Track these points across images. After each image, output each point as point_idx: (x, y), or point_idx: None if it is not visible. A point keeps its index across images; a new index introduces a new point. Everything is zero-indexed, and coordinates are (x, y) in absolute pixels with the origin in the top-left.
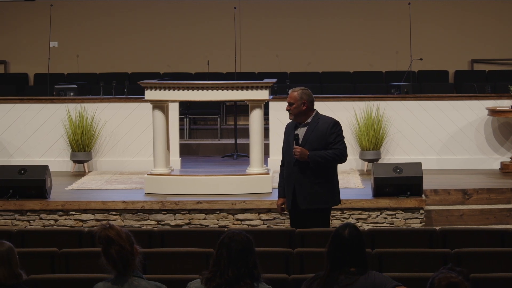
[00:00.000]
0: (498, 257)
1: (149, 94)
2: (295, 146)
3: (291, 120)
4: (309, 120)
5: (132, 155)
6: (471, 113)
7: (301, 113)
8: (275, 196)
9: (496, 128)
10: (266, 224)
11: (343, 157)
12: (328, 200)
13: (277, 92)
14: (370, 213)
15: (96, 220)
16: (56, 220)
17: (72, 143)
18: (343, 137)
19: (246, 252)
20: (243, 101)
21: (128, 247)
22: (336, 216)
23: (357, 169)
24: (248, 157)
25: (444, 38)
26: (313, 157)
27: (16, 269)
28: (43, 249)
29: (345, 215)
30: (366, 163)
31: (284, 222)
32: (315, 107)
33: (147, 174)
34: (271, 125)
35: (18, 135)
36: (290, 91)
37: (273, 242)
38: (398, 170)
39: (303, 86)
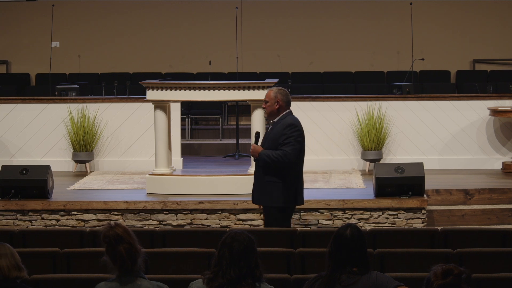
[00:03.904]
0: (500, 257)
1: (151, 94)
2: (252, 143)
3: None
4: (275, 120)
5: (134, 155)
6: (473, 113)
7: (273, 112)
8: None
9: (498, 128)
10: None
11: (285, 159)
12: (274, 199)
13: None
14: (372, 213)
15: (98, 220)
16: (57, 220)
17: (74, 143)
18: (296, 140)
19: (248, 252)
20: (245, 101)
21: (136, 245)
22: (338, 216)
23: (359, 169)
24: (250, 157)
25: (445, 38)
26: (261, 155)
27: (18, 262)
28: (44, 249)
29: (347, 215)
30: (367, 163)
31: None
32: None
33: (149, 174)
34: None
35: (20, 135)
36: (268, 90)
37: (275, 242)
38: (400, 170)
39: (306, 87)
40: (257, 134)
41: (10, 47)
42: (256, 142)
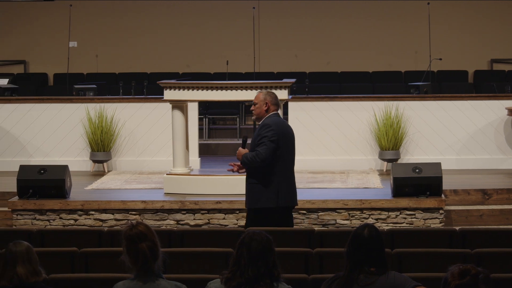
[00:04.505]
0: None
1: (168, 94)
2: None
3: (253, 119)
4: (260, 122)
5: (151, 155)
6: (491, 113)
7: (261, 114)
8: None
9: None
10: None
11: (257, 159)
12: (252, 201)
13: (296, 92)
14: (390, 213)
15: (116, 220)
16: (75, 220)
17: (92, 143)
18: (269, 140)
19: (266, 251)
20: None
21: (158, 243)
22: (356, 216)
23: (376, 169)
24: None
25: (463, 38)
26: (242, 158)
27: (36, 267)
28: (63, 248)
29: (364, 215)
30: (385, 163)
31: (303, 222)
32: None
33: (167, 174)
34: (290, 125)
35: (38, 135)
36: (257, 92)
37: (293, 242)
38: (417, 170)
39: (324, 87)
40: (245, 137)
41: (28, 47)
42: (244, 146)
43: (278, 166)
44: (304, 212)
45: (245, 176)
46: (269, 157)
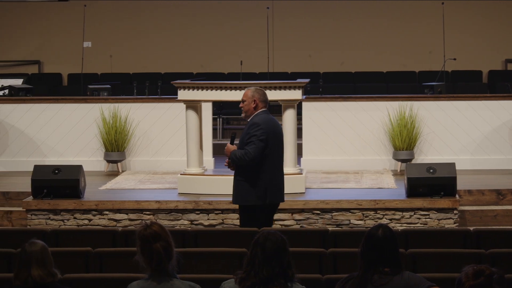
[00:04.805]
0: None
1: (182, 94)
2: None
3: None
4: (248, 120)
5: (165, 155)
6: (505, 113)
7: (250, 111)
8: (308, 196)
9: None
10: (299, 224)
11: (246, 157)
12: (240, 198)
13: (310, 92)
14: (404, 213)
15: (130, 220)
16: (90, 220)
17: (106, 143)
18: (258, 139)
19: (280, 251)
20: (276, 101)
21: (172, 243)
22: (370, 217)
23: (390, 169)
24: None
25: (477, 38)
26: (230, 155)
27: (51, 269)
28: (77, 248)
29: (378, 215)
30: (399, 163)
31: (317, 222)
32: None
33: (181, 174)
34: (304, 125)
35: (52, 135)
36: (245, 90)
37: (307, 242)
38: (431, 170)
39: (338, 87)
40: (233, 134)
41: (42, 47)
42: (232, 142)
43: (267, 164)
44: (318, 212)
45: None
46: (258, 156)
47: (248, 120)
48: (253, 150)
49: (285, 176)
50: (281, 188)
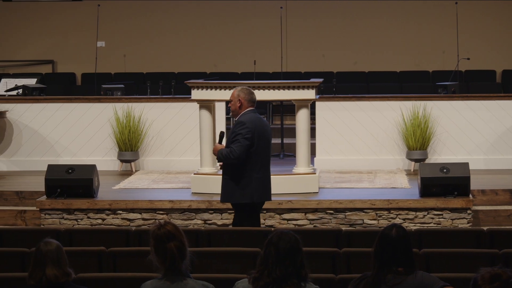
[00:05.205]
0: None
1: (196, 94)
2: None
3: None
4: (236, 118)
5: (178, 154)
6: None
7: (236, 110)
8: (322, 196)
9: None
10: (312, 224)
11: (231, 155)
12: (226, 196)
13: (324, 92)
14: (417, 213)
15: (143, 219)
16: (103, 219)
17: (119, 142)
18: (243, 138)
19: (294, 251)
20: (290, 100)
21: (186, 243)
22: (383, 216)
23: (404, 169)
24: (295, 156)
25: (491, 38)
26: (218, 153)
27: (65, 268)
28: (90, 248)
29: (392, 215)
30: (412, 163)
31: (331, 222)
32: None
33: (194, 174)
34: (318, 125)
35: (66, 134)
36: (233, 89)
37: (320, 242)
38: (445, 170)
39: (351, 86)
40: (222, 133)
41: (56, 47)
42: (220, 141)
43: (253, 162)
44: (332, 212)
45: (274, 176)
46: (243, 154)
47: (236, 119)
48: (238, 148)
49: (298, 176)
50: (267, 186)
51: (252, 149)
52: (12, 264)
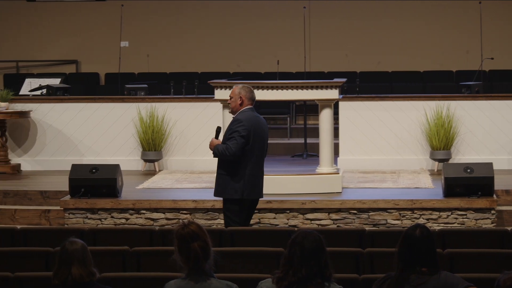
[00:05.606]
0: None
1: (219, 94)
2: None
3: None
4: (234, 116)
5: (202, 154)
6: None
7: (236, 108)
8: (345, 196)
9: None
10: (336, 224)
11: (226, 152)
12: (218, 191)
13: (347, 91)
14: (441, 213)
15: (167, 219)
16: (127, 219)
17: (143, 142)
18: (239, 135)
19: (318, 251)
20: (313, 100)
21: (210, 243)
22: (407, 216)
23: (427, 169)
24: (318, 156)
25: None
26: (214, 149)
27: (90, 268)
28: (114, 247)
29: (415, 215)
30: (436, 163)
31: (354, 222)
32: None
33: None
34: (341, 125)
35: (90, 134)
36: (233, 87)
37: (343, 242)
38: (469, 170)
39: (374, 86)
40: (218, 128)
41: (80, 47)
42: (217, 136)
43: (248, 159)
44: (355, 212)
45: (297, 176)
46: (238, 152)
47: (234, 116)
48: (234, 145)
49: (321, 175)
50: (259, 184)
51: (247, 146)
52: (36, 263)
